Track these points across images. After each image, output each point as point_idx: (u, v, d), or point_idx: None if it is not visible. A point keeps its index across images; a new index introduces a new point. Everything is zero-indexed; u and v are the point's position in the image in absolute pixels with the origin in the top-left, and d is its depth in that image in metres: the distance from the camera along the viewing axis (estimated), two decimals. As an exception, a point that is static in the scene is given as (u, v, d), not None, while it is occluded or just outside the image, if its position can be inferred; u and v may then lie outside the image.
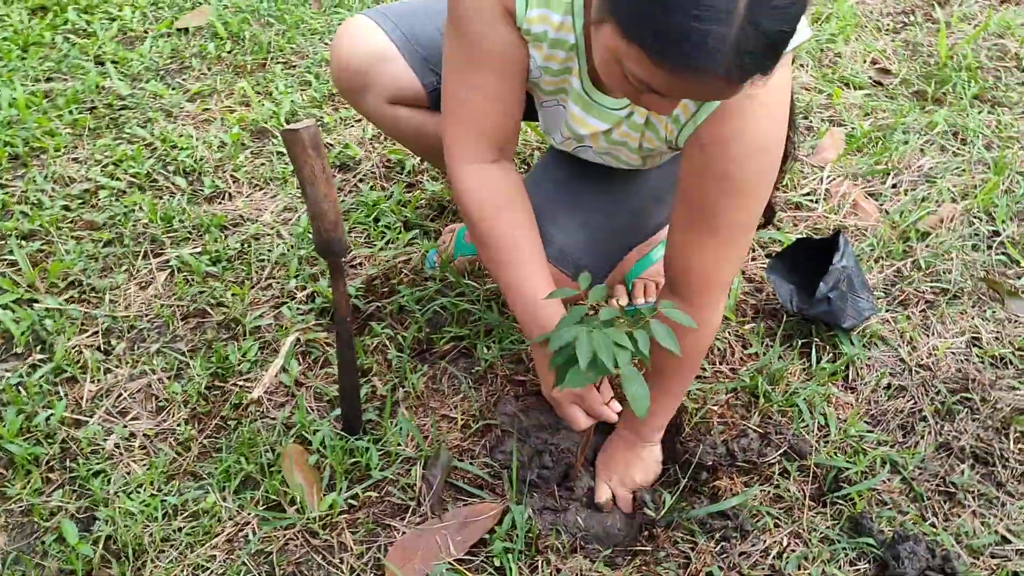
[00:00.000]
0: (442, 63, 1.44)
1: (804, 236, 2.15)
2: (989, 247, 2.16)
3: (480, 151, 1.46)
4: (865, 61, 2.87)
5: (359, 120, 2.58)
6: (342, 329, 1.56)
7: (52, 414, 1.73)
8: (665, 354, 1.29)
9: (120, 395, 1.80)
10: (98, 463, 1.66)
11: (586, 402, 1.46)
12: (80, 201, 2.26)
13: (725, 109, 1.25)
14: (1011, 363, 1.88)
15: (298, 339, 1.90)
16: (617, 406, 1.48)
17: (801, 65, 2.82)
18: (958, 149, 2.48)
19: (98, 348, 1.90)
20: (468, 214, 1.48)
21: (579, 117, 1.46)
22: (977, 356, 1.89)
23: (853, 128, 2.56)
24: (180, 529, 1.57)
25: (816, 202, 2.29)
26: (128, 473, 1.66)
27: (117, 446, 1.71)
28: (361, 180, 2.37)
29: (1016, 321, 1.97)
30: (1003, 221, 2.21)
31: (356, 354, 1.65)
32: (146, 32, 2.93)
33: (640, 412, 1.18)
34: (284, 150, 2.44)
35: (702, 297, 1.44)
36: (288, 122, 2.52)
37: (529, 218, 1.50)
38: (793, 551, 1.55)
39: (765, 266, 2.07)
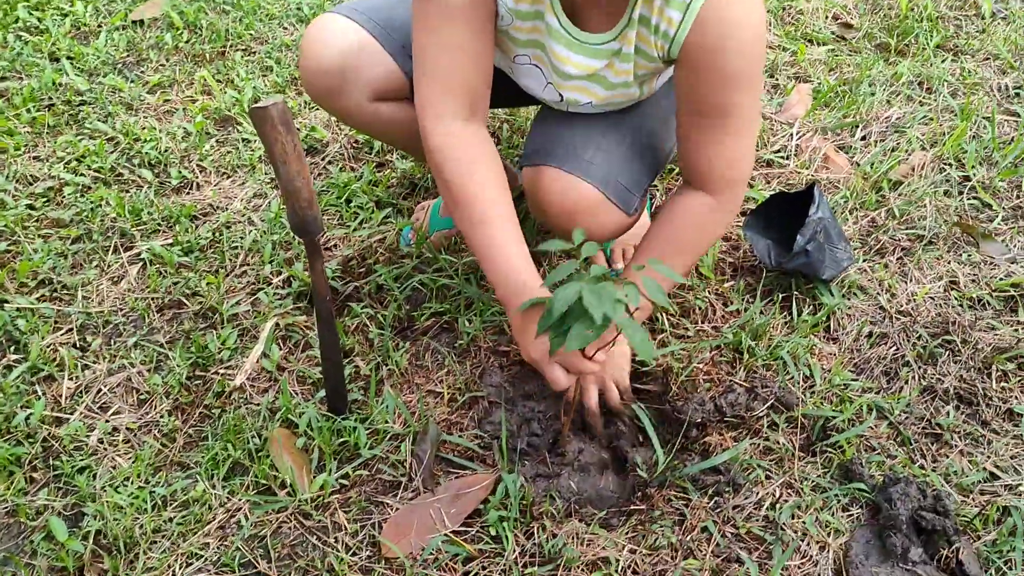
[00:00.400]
0: (412, 22, 1.42)
1: (778, 192, 2.15)
2: (960, 192, 2.17)
3: (452, 108, 1.44)
4: (827, 17, 2.87)
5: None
6: (322, 309, 1.55)
7: (31, 413, 1.70)
8: (684, 235, 1.52)
9: (100, 390, 1.77)
10: (82, 459, 1.64)
11: (566, 359, 1.46)
12: (44, 199, 2.21)
13: (708, 7, 1.30)
14: (989, 304, 1.89)
15: (277, 324, 1.88)
16: (601, 356, 1.47)
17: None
18: (924, 98, 2.49)
19: (74, 345, 1.86)
20: (441, 172, 1.47)
21: (564, 56, 1.45)
22: (955, 299, 1.90)
23: (819, 83, 2.56)
24: (171, 519, 1.55)
25: (787, 158, 2.30)
26: (114, 467, 1.63)
27: (101, 441, 1.68)
28: (330, 162, 2.34)
29: (991, 263, 1.99)
30: (973, 166, 2.22)
31: (338, 333, 1.63)
32: (100, 26, 2.88)
33: (648, 355, 1.18)
34: (250, 137, 2.40)
35: (729, 190, 1.51)
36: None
37: (502, 179, 1.48)
38: (786, 501, 1.56)
39: (741, 224, 2.08)
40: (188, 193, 2.25)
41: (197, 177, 2.29)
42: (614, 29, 1.41)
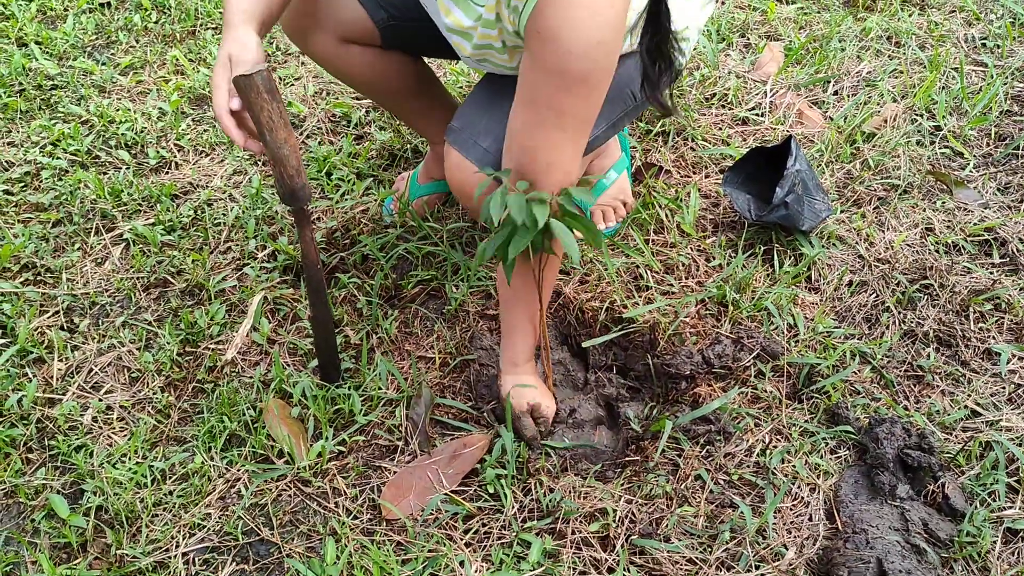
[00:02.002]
0: None
1: (755, 147, 2.18)
2: (932, 142, 2.21)
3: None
4: (795, -24, 2.89)
5: (299, 78, 2.54)
6: (313, 277, 1.55)
7: (24, 395, 1.70)
8: (521, 285, 1.50)
9: (91, 370, 1.77)
10: (78, 438, 1.64)
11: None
12: (22, 184, 2.20)
13: None
14: (964, 249, 1.93)
15: (265, 297, 1.89)
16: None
17: (733, -15, 2.84)
18: (893, 52, 2.52)
19: (62, 327, 1.86)
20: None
21: (445, 6, 1.43)
22: (932, 245, 1.94)
23: (790, 41, 2.59)
24: (171, 492, 1.56)
25: (762, 115, 2.33)
26: (110, 445, 1.64)
27: (95, 419, 1.68)
28: (308, 136, 2.34)
29: (965, 209, 2.03)
30: (943, 116, 2.26)
31: (329, 301, 1.64)
32: (67, 10, 2.84)
33: (575, 257, 1.28)
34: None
35: (547, 181, 1.39)
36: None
37: None
38: (775, 447, 1.60)
39: (719, 181, 2.10)
40: (167, 173, 2.24)
41: (175, 156, 2.28)
42: None
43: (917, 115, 2.28)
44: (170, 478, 1.59)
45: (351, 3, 1.70)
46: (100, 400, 1.72)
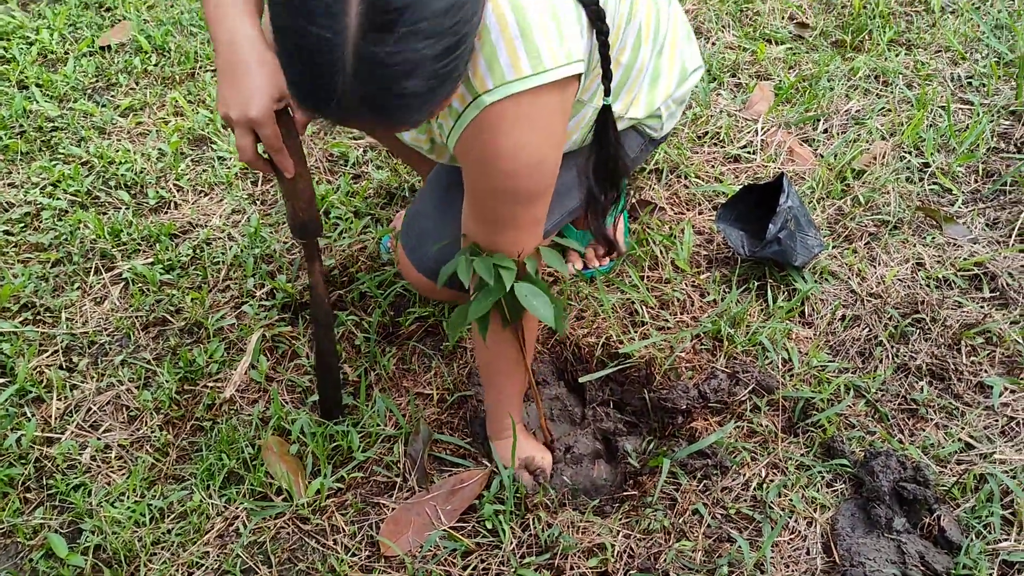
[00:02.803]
0: None
1: (747, 184, 2.21)
2: (921, 178, 2.24)
3: None
4: (784, 17, 2.95)
5: (297, 119, 2.57)
6: (320, 313, 1.56)
7: (22, 435, 1.71)
8: (500, 359, 1.50)
9: (90, 409, 1.78)
10: (76, 477, 1.65)
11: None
12: (22, 225, 2.21)
13: (476, 128, 1.22)
14: (954, 283, 1.96)
15: (263, 335, 1.90)
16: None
17: (724, 26, 2.89)
18: (881, 91, 2.57)
19: (60, 367, 1.87)
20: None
21: None
22: (923, 280, 1.97)
23: (780, 80, 2.63)
24: (169, 531, 1.56)
25: (754, 153, 2.36)
26: (108, 483, 1.64)
27: (93, 458, 1.69)
28: (306, 176, 2.37)
29: (954, 244, 2.06)
30: (931, 153, 2.30)
31: (335, 338, 1.65)
32: (67, 53, 2.88)
33: (549, 320, 1.28)
34: (225, 155, 2.42)
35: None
36: (226, 127, 2.51)
37: None
38: (772, 480, 1.61)
39: (713, 218, 2.13)
40: (166, 212, 2.27)
41: (175, 196, 2.30)
42: None
43: (906, 152, 2.31)
44: (168, 516, 1.59)
45: None
46: (99, 439, 1.72)
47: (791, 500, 1.57)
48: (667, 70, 1.60)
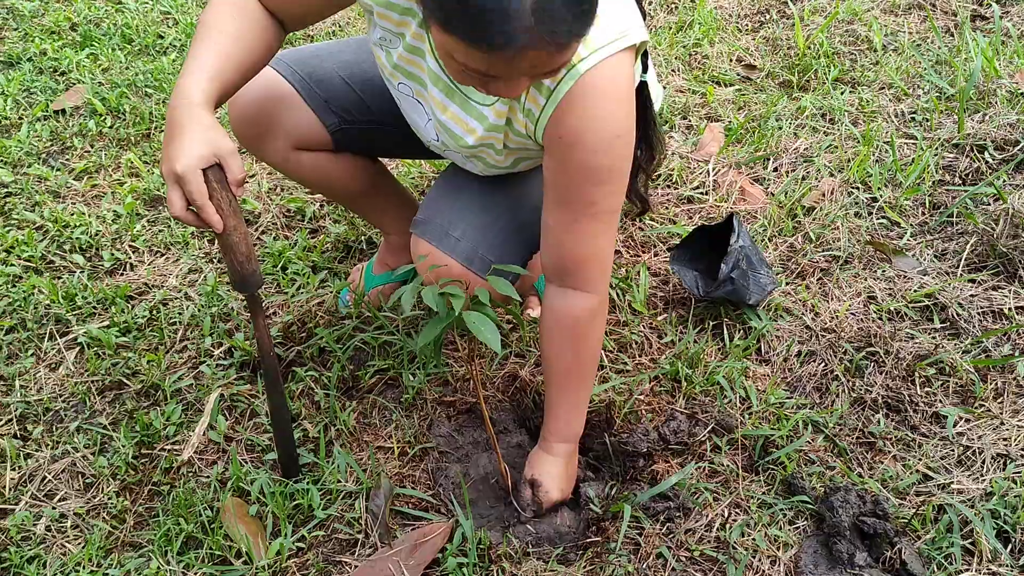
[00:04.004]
0: None
1: (700, 225, 2.24)
2: (870, 213, 2.29)
3: None
4: (731, 60, 3.02)
5: (253, 175, 2.58)
6: (268, 366, 1.55)
7: (-26, 508, 1.67)
8: (564, 360, 1.51)
9: (44, 478, 1.75)
10: (31, 548, 1.61)
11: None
12: (-26, 292, 2.19)
13: (570, 100, 1.31)
14: (906, 315, 1.99)
15: (222, 395, 1.89)
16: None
17: (673, 70, 2.95)
18: (828, 128, 2.63)
19: (14, 435, 1.84)
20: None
21: (442, 102, 1.47)
22: (875, 313, 2.00)
23: (730, 121, 2.69)
24: (126, 600, 1.53)
25: (706, 194, 2.40)
26: (64, 554, 1.61)
27: (48, 529, 1.65)
28: (264, 232, 2.37)
29: (904, 276, 2.09)
30: (879, 188, 2.35)
31: (284, 391, 1.64)
32: (21, 118, 2.87)
33: (495, 345, 1.29)
34: (181, 214, 2.41)
35: (586, 281, 1.49)
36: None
37: (249, 26, 1.42)
38: (735, 520, 1.61)
39: (668, 259, 2.15)
40: (122, 274, 2.25)
41: (130, 258, 2.29)
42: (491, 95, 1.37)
43: (853, 188, 2.36)
44: (126, 585, 1.56)
45: (301, 110, 1.71)
46: (54, 508, 1.69)
47: (754, 539, 1.58)
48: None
